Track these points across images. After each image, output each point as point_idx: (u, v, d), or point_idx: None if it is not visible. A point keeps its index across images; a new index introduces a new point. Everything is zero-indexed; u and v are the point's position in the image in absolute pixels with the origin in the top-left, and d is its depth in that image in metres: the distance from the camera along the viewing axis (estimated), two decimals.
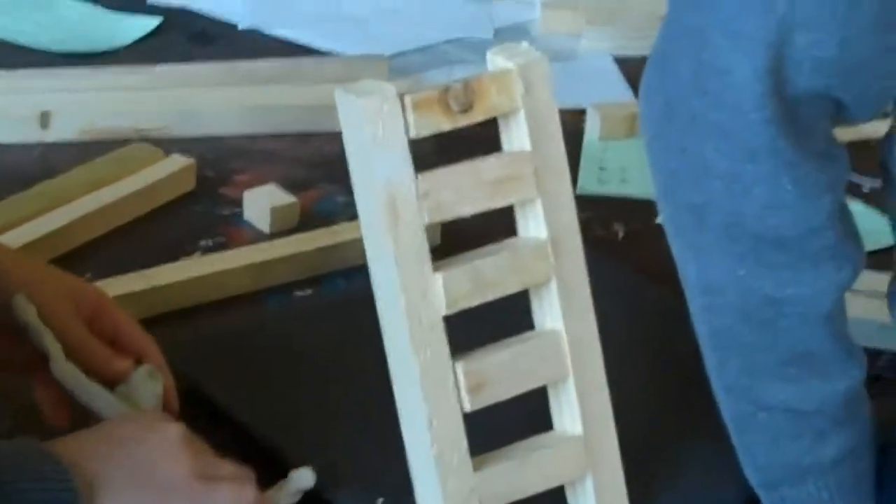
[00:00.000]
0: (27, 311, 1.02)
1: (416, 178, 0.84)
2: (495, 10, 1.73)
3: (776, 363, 0.97)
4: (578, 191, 1.36)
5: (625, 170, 1.44)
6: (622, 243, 1.34)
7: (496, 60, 0.89)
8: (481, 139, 0.89)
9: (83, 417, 1.02)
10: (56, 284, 1.07)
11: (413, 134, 0.84)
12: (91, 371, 1.03)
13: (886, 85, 0.94)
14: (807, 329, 0.96)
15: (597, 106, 1.49)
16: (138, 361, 1.03)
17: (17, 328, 1.03)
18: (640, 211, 1.38)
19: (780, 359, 0.97)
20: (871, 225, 1.18)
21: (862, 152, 1.11)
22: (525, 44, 0.91)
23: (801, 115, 0.90)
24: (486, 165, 0.88)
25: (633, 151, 1.43)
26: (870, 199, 1.42)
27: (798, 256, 0.94)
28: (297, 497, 1.01)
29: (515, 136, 0.89)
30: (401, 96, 0.84)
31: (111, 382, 1.03)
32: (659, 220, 1.29)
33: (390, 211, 0.84)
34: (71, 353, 1.03)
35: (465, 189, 0.87)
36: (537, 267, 0.90)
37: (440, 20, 1.70)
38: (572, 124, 1.42)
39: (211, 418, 1.07)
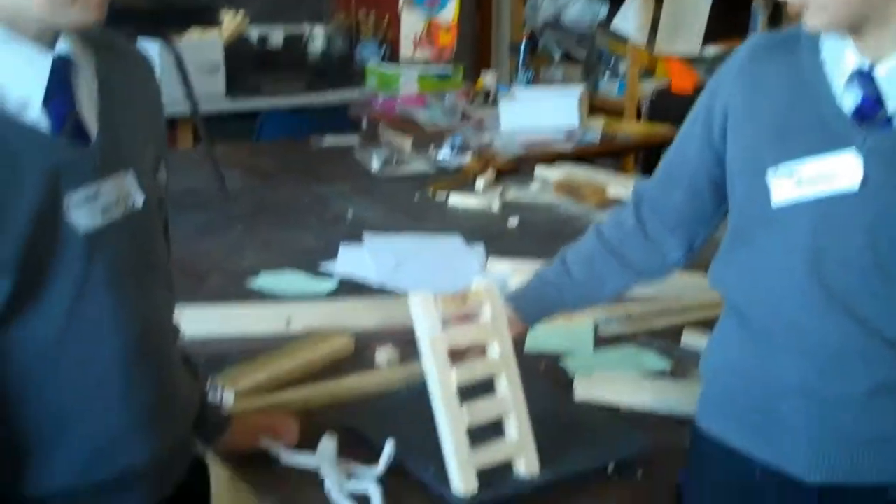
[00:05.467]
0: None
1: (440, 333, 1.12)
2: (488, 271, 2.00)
3: None
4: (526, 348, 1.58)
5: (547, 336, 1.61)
6: (543, 371, 1.54)
7: (478, 282, 1.17)
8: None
9: None
10: (259, 420, 1.27)
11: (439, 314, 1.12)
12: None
13: None
14: None
15: None
16: None
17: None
18: (550, 357, 1.58)
19: None
20: None
21: None
22: (485, 278, 1.20)
23: None
24: (464, 330, 1.15)
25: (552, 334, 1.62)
26: None
27: None
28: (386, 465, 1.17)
29: (482, 315, 1.16)
30: (435, 298, 1.12)
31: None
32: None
33: (432, 347, 1.12)
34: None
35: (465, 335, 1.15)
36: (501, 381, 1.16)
37: (461, 271, 1.98)
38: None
39: (364, 446, 1.27)
